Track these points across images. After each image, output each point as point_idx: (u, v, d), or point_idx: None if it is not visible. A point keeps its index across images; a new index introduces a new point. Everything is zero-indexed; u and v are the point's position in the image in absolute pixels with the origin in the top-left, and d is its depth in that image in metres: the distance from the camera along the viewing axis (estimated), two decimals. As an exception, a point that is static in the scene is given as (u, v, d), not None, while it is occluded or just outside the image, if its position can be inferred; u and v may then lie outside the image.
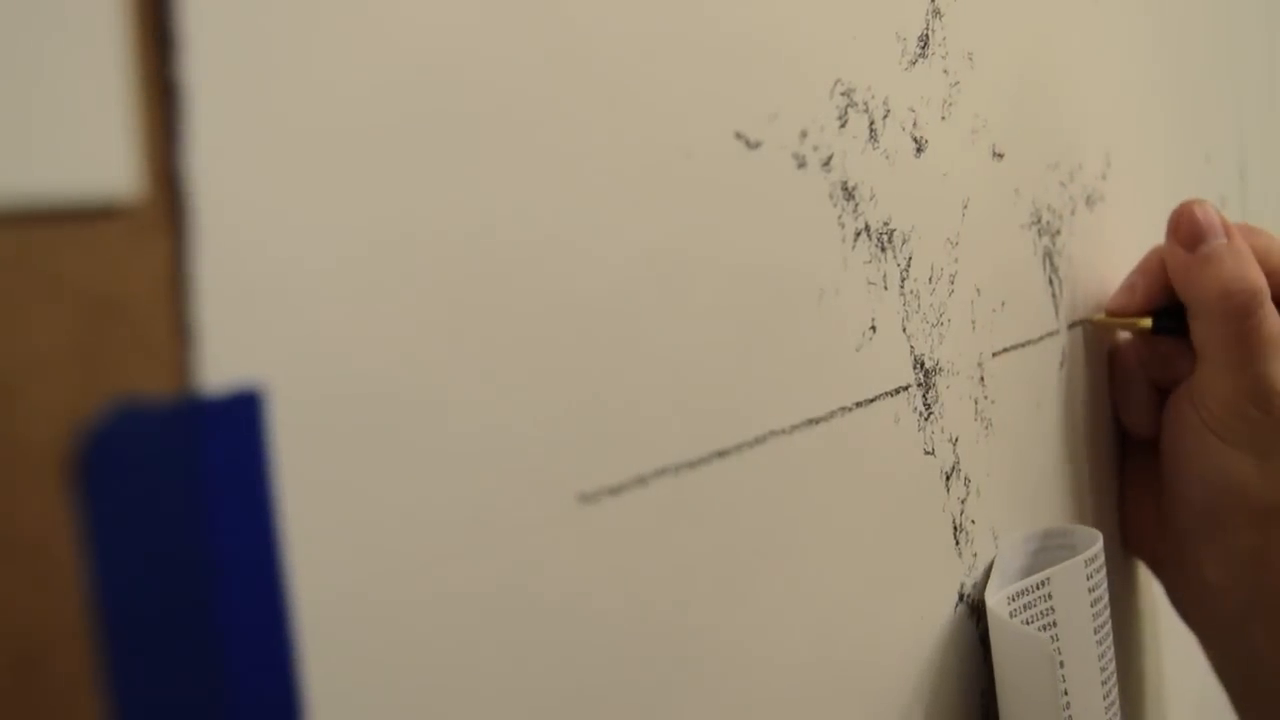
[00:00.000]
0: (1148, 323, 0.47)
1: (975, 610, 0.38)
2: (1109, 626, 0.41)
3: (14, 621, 0.16)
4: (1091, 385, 0.48)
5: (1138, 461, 0.51)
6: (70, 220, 0.16)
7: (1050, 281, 0.44)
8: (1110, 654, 0.41)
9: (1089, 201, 0.48)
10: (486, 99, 0.22)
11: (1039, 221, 0.43)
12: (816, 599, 0.31)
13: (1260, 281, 0.44)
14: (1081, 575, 0.40)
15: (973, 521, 0.38)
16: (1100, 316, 0.48)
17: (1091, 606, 0.40)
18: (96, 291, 0.17)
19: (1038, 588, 0.38)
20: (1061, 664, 0.38)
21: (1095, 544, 0.41)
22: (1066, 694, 0.38)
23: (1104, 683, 0.40)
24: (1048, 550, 0.42)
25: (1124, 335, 0.50)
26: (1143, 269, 0.48)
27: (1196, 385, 0.45)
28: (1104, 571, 0.41)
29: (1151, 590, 0.56)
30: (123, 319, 0.17)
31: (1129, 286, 0.48)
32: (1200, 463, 0.46)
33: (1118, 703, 0.41)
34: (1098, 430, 0.49)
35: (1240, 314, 0.43)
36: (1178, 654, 0.58)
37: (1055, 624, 0.39)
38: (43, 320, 0.16)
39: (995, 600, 0.37)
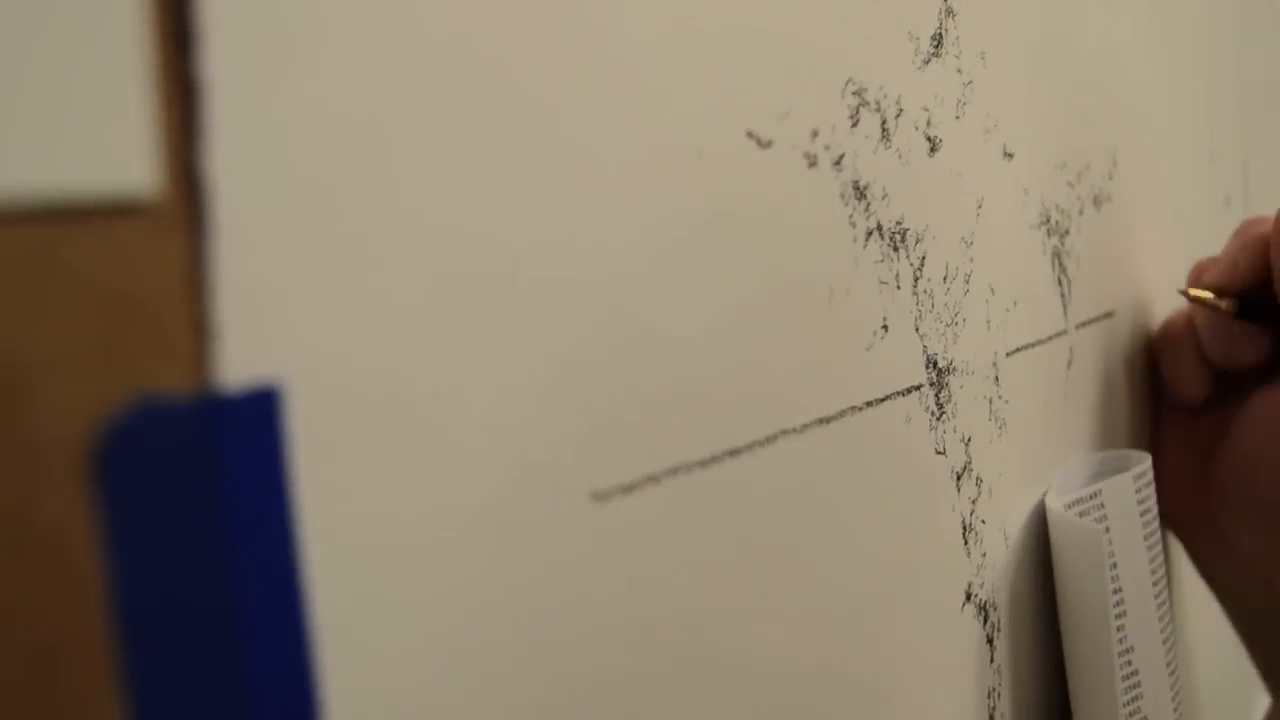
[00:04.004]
0: (1231, 306, 0.47)
1: (983, 610, 0.38)
2: (1159, 537, 0.44)
3: (32, 619, 0.16)
4: (1100, 385, 0.48)
5: (1178, 428, 0.52)
6: (89, 217, 0.16)
7: (1059, 281, 0.44)
8: (1161, 562, 0.44)
9: (1096, 201, 0.48)
10: (501, 98, 0.22)
11: (1048, 221, 0.43)
12: (825, 597, 0.31)
13: None
14: (1131, 489, 0.43)
15: (983, 521, 0.38)
16: (1198, 292, 0.48)
17: (1141, 517, 0.43)
18: (115, 288, 0.17)
19: (1091, 498, 0.42)
20: (1115, 565, 0.41)
21: (1145, 462, 0.44)
22: (1120, 591, 0.41)
23: (1155, 584, 0.43)
24: (1104, 474, 0.45)
25: (1183, 307, 0.51)
26: (1246, 247, 0.48)
27: None
28: (1153, 488, 0.44)
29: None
30: (142, 316, 0.17)
31: (1232, 263, 0.48)
32: None
33: (1169, 604, 0.44)
34: (1108, 430, 0.49)
35: None
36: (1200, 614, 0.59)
37: (1108, 530, 0.42)
38: (61, 317, 0.16)
39: (1054, 503, 0.41)
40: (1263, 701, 0.55)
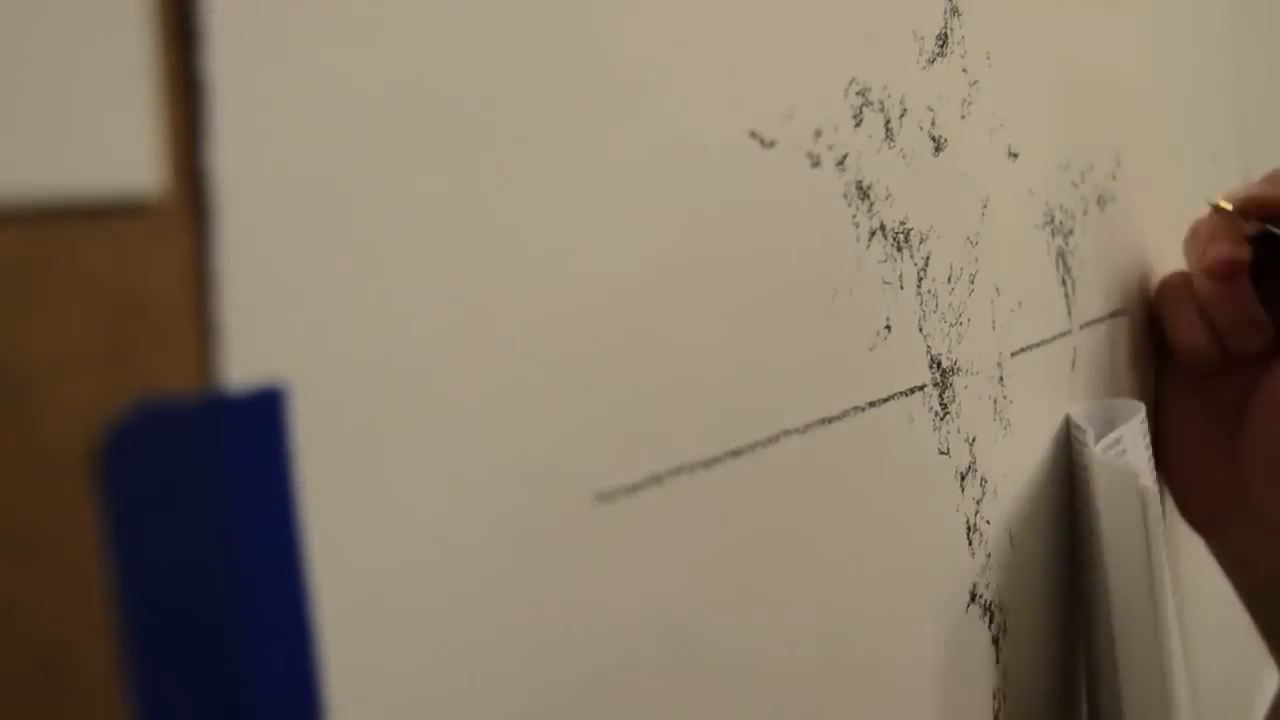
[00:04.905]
0: (1256, 228, 0.46)
1: (988, 611, 0.38)
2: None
3: (37, 620, 0.16)
4: (1105, 386, 0.48)
5: (1192, 400, 0.52)
6: (94, 218, 0.16)
7: (1063, 281, 0.44)
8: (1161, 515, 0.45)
9: (1100, 201, 0.48)
10: (506, 97, 0.22)
11: (1052, 221, 0.43)
12: (829, 598, 0.31)
13: None
14: (1141, 433, 0.45)
15: (987, 522, 0.38)
16: (1225, 203, 0.47)
17: (1149, 461, 0.45)
18: (120, 289, 0.17)
19: (1116, 443, 0.43)
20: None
21: (1142, 410, 0.46)
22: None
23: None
24: (1101, 424, 0.46)
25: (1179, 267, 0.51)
26: (1274, 178, 0.47)
27: None
28: (1149, 438, 0.46)
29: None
30: (146, 316, 0.17)
31: (1260, 192, 0.47)
32: None
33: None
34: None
35: None
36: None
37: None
38: (67, 317, 0.16)
39: (1098, 448, 0.42)
40: (1264, 695, 0.55)
